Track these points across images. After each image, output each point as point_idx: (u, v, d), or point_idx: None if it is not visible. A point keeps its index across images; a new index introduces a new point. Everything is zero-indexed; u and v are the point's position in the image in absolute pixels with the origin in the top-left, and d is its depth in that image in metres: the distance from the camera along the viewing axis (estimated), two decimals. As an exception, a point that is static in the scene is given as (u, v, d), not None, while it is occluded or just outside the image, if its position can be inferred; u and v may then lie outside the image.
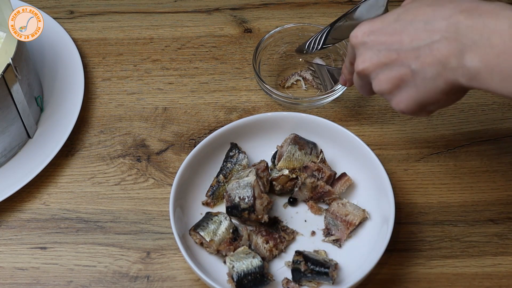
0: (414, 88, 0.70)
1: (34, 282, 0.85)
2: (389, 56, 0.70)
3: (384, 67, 0.71)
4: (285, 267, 0.84)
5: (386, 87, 0.72)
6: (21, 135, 0.93)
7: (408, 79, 0.70)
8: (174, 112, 0.99)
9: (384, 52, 0.71)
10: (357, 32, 0.74)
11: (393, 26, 0.71)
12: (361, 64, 0.73)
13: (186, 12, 1.09)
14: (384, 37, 0.71)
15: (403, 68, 0.69)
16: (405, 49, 0.69)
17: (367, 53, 0.73)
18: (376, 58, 0.72)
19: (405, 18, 0.70)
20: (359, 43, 0.74)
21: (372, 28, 0.73)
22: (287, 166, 0.89)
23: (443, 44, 0.66)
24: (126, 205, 0.91)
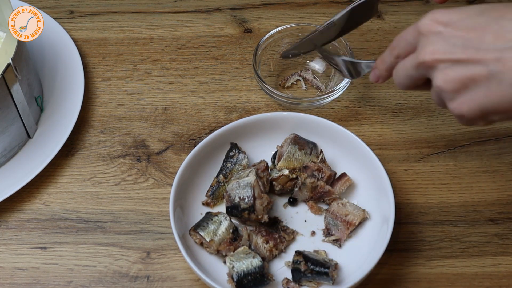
0: (485, 91, 0.64)
1: (34, 282, 0.85)
2: (466, 53, 0.64)
3: (456, 63, 0.65)
4: (285, 267, 0.84)
5: (452, 85, 0.65)
6: (21, 135, 0.93)
7: (482, 80, 0.63)
8: (174, 112, 0.99)
9: (460, 47, 0.64)
10: (429, 19, 0.67)
11: (475, 20, 0.65)
12: (430, 55, 0.66)
13: (186, 12, 1.09)
14: (462, 31, 0.65)
15: (479, 68, 0.63)
16: (486, 47, 0.63)
17: (440, 43, 0.66)
18: (450, 51, 0.65)
19: (490, 14, 0.64)
20: (431, 32, 0.67)
21: (450, 18, 0.66)
22: (287, 166, 0.89)
23: None
24: (126, 205, 0.91)
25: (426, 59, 0.67)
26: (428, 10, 1.13)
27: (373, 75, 0.81)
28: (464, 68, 0.64)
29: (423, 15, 0.68)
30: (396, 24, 1.07)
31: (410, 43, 0.70)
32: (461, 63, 0.64)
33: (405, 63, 0.71)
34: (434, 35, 0.66)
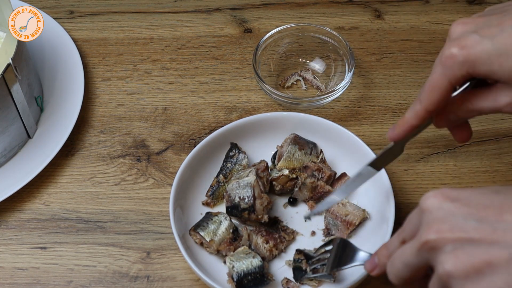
0: (504, 278, 0.52)
1: (34, 282, 0.85)
2: (480, 230, 0.53)
3: (468, 243, 0.54)
4: (285, 266, 0.84)
5: (463, 269, 0.53)
6: (21, 135, 0.93)
7: (500, 265, 0.52)
8: (174, 112, 0.99)
9: (473, 223, 0.54)
10: (434, 194, 0.58)
11: (490, 197, 0.56)
12: (435, 233, 0.55)
13: (186, 12, 1.09)
14: (475, 208, 0.55)
15: (497, 250, 0.53)
16: (506, 227, 0.53)
17: (447, 221, 0.55)
18: (459, 229, 0.54)
19: (507, 193, 0.56)
20: (435, 208, 0.56)
21: (459, 194, 0.57)
22: (287, 166, 0.89)
23: None
24: (126, 205, 0.91)
25: (429, 238, 0.55)
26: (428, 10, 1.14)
27: (371, 263, 0.68)
28: (478, 249, 0.53)
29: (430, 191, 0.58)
30: (396, 24, 1.07)
31: (415, 225, 0.59)
32: (475, 243, 0.53)
33: (403, 249, 0.60)
34: (440, 211, 0.56)
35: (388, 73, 1.02)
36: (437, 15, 1.07)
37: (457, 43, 0.64)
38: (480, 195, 0.56)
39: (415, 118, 0.70)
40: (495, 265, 0.53)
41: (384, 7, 1.09)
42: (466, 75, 0.64)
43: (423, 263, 0.57)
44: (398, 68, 1.02)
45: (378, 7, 1.09)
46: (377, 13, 1.08)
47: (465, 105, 0.67)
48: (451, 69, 0.64)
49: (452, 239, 0.54)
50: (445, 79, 0.65)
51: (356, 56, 1.03)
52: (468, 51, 0.63)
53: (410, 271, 0.59)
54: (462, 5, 1.09)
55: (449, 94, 0.67)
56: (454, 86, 0.66)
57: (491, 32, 0.63)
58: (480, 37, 0.63)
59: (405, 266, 0.59)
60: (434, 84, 0.66)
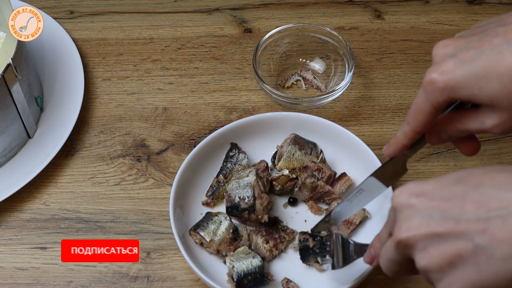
0: (474, 268, 0.55)
1: (34, 282, 0.85)
2: (445, 225, 0.56)
3: (436, 238, 0.56)
4: (285, 266, 0.84)
5: (436, 264, 0.56)
6: (21, 135, 0.93)
7: (469, 256, 0.55)
8: (174, 112, 0.99)
9: (438, 219, 0.56)
10: (401, 191, 0.60)
11: (451, 189, 0.58)
12: (405, 232, 0.58)
13: (186, 12, 1.09)
14: (438, 201, 0.57)
15: (463, 242, 0.55)
16: (468, 218, 0.55)
17: (415, 218, 0.57)
18: (426, 225, 0.57)
19: (468, 182, 0.57)
20: (403, 205, 0.59)
21: (423, 188, 0.59)
22: (287, 166, 0.89)
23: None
24: (126, 205, 0.91)
25: (401, 237, 0.58)
26: (428, 10, 1.14)
27: (368, 256, 0.72)
28: (446, 243, 0.56)
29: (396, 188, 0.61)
30: (396, 24, 1.07)
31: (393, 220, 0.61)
32: (442, 237, 0.56)
33: (386, 246, 0.63)
34: (407, 209, 0.59)
35: (388, 73, 1.02)
36: (437, 15, 1.07)
37: (436, 68, 0.64)
38: (442, 187, 0.58)
39: (405, 138, 0.71)
40: (463, 256, 0.55)
41: (384, 7, 1.09)
42: (448, 99, 0.65)
43: (404, 258, 0.60)
44: (398, 68, 1.02)
45: (378, 7, 1.09)
46: (377, 13, 1.08)
47: (454, 125, 0.68)
48: (433, 94, 0.65)
49: (421, 236, 0.57)
50: (428, 104, 0.66)
51: (356, 56, 1.03)
52: (447, 76, 0.63)
53: (396, 265, 0.62)
54: (462, 5, 1.09)
55: (435, 116, 0.68)
56: (438, 109, 0.66)
57: (470, 55, 0.63)
58: (459, 62, 0.63)
59: (390, 262, 0.62)
60: (418, 108, 0.67)
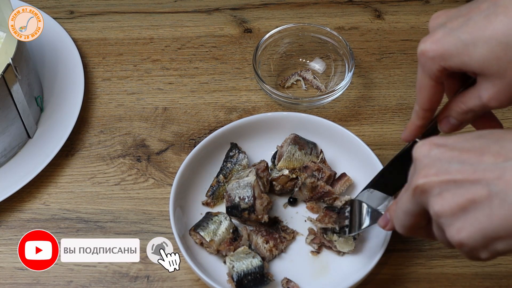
0: (487, 213, 0.56)
1: (34, 282, 0.85)
2: (463, 172, 0.57)
3: (452, 184, 0.57)
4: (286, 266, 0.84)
5: (449, 207, 0.57)
6: (21, 135, 0.93)
7: (482, 202, 0.56)
8: (174, 112, 0.99)
9: (456, 166, 0.57)
10: (423, 143, 0.61)
11: (473, 142, 0.59)
12: (422, 178, 0.58)
13: (186, 12, 1.09)
14: (458, 152, 0.58)
15: (478, 188, 0.56)
16: (485, 166, 0.56)
17: (434, 165, 0.58)
18: (444, 172, 0.57)
19: (489, 137, 0.59)
20: (424, 155, 0.60)
21: (445, 141, 0.60)
22: (287, 166, 0.89)
23: None
24: (126, 205, 0.91)
25: (418, 183, 0.59)
26: (428, 10, 1.15)
27: (383, 219, 0.72)
28: (461, 189, 0.57)
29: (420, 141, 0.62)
30: (396, 24, 1.07)
31: (412, 174, 0.62)
32: (458, 183, 0.57)
33: (401, 198, 0.63)
34: (427, 158, 0.60)
35: (388, 73, 1.02)
36: (437, 15, 1.07)
37: (427, 38, 0.65)
38: (464, 141, 0.59)
39: (417, 119, 0.71)
40: (477, 202, 0.56)
41: (384, 7, 1.09)
42: (442, 69, 0.65)
43: (420, 208, 0.61)
44: (398, 68, 1.02)
45: (378, 7, 1.09)
46: (377, 13, 1.08)
47: (459, 106, 0.68)
48: (426, 65, 0.65)
49: (438, 182, 0.58)
50: (425, 76, 0.67)
51: (356, 56, 1.03)
52: (437, 45, 0.64)
53: (411, 218, 0.62)
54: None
55: (437, 90, 0.68)
56: (437, 81, 0.67)
57: (458, 22, 0.63)
58: (448, 30, 0.63)
59: (405, 213, 0.62)
60: (419, 83, 0.68)
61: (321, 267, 0.84)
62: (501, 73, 0.62)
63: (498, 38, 0.61)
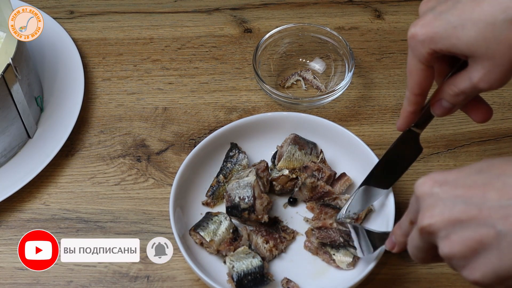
0: (496, 255, 0.56)
1: (34, 282, 0.85)
2: (468, 212, 0.57)
3: (458, 225, 0.57)
4: (286, 265, 0.84)
5: (459, 251, 0.57)
6: (21, 135, 0.93)
7: (491, 242, 0.56)
8: (174, 112, 0.99)
9: (460, 206, 0.57)
10: (424, 181, 0.60)
11: (474, 178, 0.58)
12: (428, 219, 0.59)
13: (186, 12, 1.09)
14: (461, 189, 0.58)
15: (485, 229, 0.56)
16: (490, 205, 0.56)
17: (438, 205, 0.59)
18: (449, 212, 0.57)
19: (490, 171, 0.58)
20: (427, 194, 0.60)
21: (446, 177, 0.59)
22: (287, 166, 0.89)
23: None
24: (126, 205, 0.91)
25: (423, 224, 0.59)
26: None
27: (389, 242, 0.73)
28: (468, 229, 0.57)
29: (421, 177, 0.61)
30: (396, 24, 1.07)
31: (415, 208, 0.63)
32: (465, 223, 0.57)
33: (412, 234, 0.64)
34: (430, 197, 0.60)
35: (388, 73, 1.02)
36: (437, 15, 1.07)
37: (417, 22, 0.66)
38: (465, 176, 0.59)
39: (408, 105, 0.73)
40: (486, 243, 0.56)
41: (384, 7, 1.09)
42: (432, 52, 0.66)
43: (430, 244, 0.61)
44: (398, 68, 1.02)
45: (378, 7, 1.09)
46: (377, 13, 1.08)
47: (451, 89, 0.69)
48: (416, 49, 0.66)
49: (444, 222, 0.58)
50: (415, 60, 0.67)
51: (356, 56, 1.03)
52: (426, 28, 0.65)
53: (423, 252, 0.63)
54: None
55: (427, 75, 0.69)
56: (427, 64, 0.67)
57: (447, 5, 0.64)
58: (438, 13, 0.64)
59: (417, 249, 0.63)
60: (409, 68, 0.69)
61: (321, 267, 0.84)
62: (489, 55, 0.63)
63: (486, 19, 0.62)
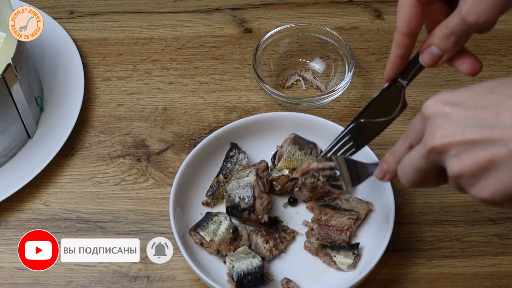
0: (507, 173, 0.56)
1: (34, 282, 0.85)
2: (480, 132, 0.57)
3: (470, 145, 0.57)
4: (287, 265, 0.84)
5: (469, 169, 0.57)
6: (21, 135, 0.93)
7: (502, 161, 0.56)
8: (174, 112, 0.99)
9: (473, 127, 0.57)
10: (434, 101, 0.60)
11: (486, 98, 0.58)
12: (439, 139, 0.58)
13: (186, 12, 1.09)
14: (473, 110, 0.58)
15: (497, 148, 0.56)
16: (503, 126, 0.56)
17: (449, 126, 0.58)
18: (461, 133, 0.57)
19: (502, 91, 0.58)
20: (437, 114, 0.59)
21: (457, 98, 0.59)
22: (287, 166, 0.89)
23: None
24: (126, 205, 0.91)
25: (435, 144, 0.59)
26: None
27: (380, 171, 0.71)
28: (480, 150, 0.57)
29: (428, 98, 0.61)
30: (396, 24, 1.07)
31: (420, 130, 0.62)
32: (477, 144, 0.57)
33: (411, 155, 0.63)
34: (441, 117, 0.59)
35: (388, 73, 1.02)
36: (437, 15, 1.07)
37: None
38: (476, 97, 0.58)
39: (396, 47, 0.72)
40: (497, 162, 0.56)
41: (384, 7, 1.09)
42: None
43: (433, 166, 0.61)
44: (398, 68, 1.02)
45: (378, 7, 1.09)
46: (377, 13, 1.08)
47: (441, 31, 0.69)
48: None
49: (455, 143, 0.58)
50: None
51: (356, 56, 1.03)
52: None
53: (421, 174, 0.63)
54: None
55: (417, 10, 0.69)
56: None
57: None
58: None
59: (415, 170, 0.63)
60: (400, 3, 0.70)
61: (321, 267, 0.84)
62: None
63: None
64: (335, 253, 0.83)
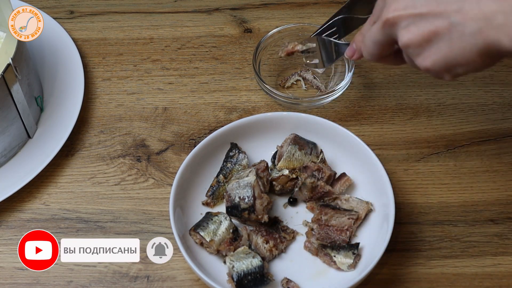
0: (447, 43, 0.64)
1: (34, 282, 0.85)
2: (428, 6, 0.65)
3: (418, 18, 0.65)
4: (287, 265, 0.84)
5: (416, 39, 0.66)
6: (21, 135, 0.93)
7: (444, 33, 0.64)
8: (174, 112, 0.99)
9: (422, 2, 0.65)
10: None
11: None
12: (392, 12, 0.67)
13: (186, 12, 1.09)
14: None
15: (440, 20, 0.64)
16: (447, 1, 0.64)
17: (402, 1, 0.67)
18: (411, 6, 0.66)
19: None
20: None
21: None
22: (287, 166, 0.89)
23: None
24: (126, 205, 0.91)
25: (388, 16, 0.67)
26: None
27: (350, 50, 0.81)
28: (426, 22, 0.65)
29: None
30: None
31: (381, 8, 0.70)
32: (423, 17, 0.65)
33: (371, 29, 0.71)
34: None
35: (388, 73, 1.02)
36: (437, 15, 1.07)
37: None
38: None
39: None
40: (439, 33, 0.64)
41: (384, 7, 1.09)
42: None
43: (388, 39, 0.69)
44: (398, 68, 1.02)
45: (378, 7, 1.09)
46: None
47: None
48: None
49: (406, 15, 0.66)
50: None
51: (356, 56, 1.03)
52: None
53: (379, 47, 0.72)
54: None
55: None
56: None
57: None
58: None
59: (374, 43, 0.72)
60: None
61: (321, 267, 0.84)
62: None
63: None
64: (335, 253, 0.83)
